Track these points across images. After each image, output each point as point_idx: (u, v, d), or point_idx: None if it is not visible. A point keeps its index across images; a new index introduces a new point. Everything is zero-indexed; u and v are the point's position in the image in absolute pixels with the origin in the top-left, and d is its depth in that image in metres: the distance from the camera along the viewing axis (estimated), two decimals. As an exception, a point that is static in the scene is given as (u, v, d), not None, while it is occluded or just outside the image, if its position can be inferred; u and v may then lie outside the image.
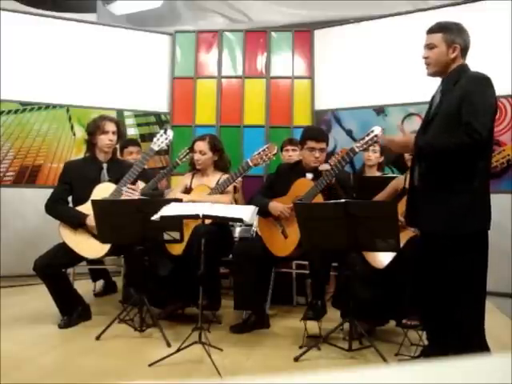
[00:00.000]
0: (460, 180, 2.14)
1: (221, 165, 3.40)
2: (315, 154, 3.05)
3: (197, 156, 3.33)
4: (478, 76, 2.21)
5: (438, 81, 2.38)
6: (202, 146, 3.33)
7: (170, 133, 3.32)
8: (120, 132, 3.29)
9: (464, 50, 2.29)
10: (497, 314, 3.38)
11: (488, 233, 2.22)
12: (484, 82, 2.17)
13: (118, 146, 3.61)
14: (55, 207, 3.15)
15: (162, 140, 3.29)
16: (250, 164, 3.16)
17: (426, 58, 2.32)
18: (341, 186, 2.98)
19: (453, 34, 2.26)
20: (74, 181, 3.18)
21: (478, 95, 2.11)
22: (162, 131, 3.34)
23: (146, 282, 2.90)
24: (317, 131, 3.29)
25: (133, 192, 3.08)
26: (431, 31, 2.31)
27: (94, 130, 3.20)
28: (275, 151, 3.18)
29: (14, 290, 4.02)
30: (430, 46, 2.30)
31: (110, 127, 3.19)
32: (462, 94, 2.15)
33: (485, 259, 2.20)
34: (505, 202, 3.97)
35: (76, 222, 3.07)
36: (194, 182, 3.40)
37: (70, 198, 3.25)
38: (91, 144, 3.25)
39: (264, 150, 3.17)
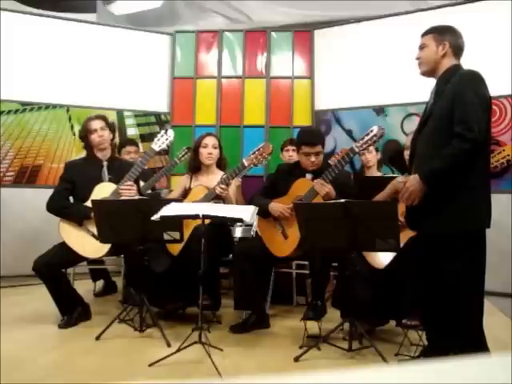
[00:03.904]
0: (458, 179, 2.14)
1: (222, 163, 3.43)
2: (311, 159, 3.04)
3: (209, 150, 3.35)
4: (467, 73, 2.22)
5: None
6: (214, 140, 3.38)
7: (171, 133, 3.32)
8: (110, 125, 3.27)
9: (456, 50, 2.31)
10: (497, 314, 3.38)
11: (485, 231, 2.22)
12: (473, 78, 2.18)
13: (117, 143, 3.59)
14: (57, 204, 3.13)
15: (162, 140, 3.29)
16: (246, 164, 3.15)
17: (418, 58, 2.40)
18: (341, 188, 2.97)
19: (442, 34, 2.32)
20: (77, 180, 3.17)
21: (468, 92, 2.12)
22: (162, 131, 3.34)
23: (145, 282, 2.90)
24: (311, 135, 3.14)
25: (130, 189, 3.06)
26: (423, 34, 2.39)
27: (84, 133, 3.23)
28: (270, 150, 3.16)
29: (13, 290, 4.02)
30: (421, 47, 2.38)
31: (95, 125, 3.19)
32: (453, 92, 2.16)
33: (483, 257, 2.20)
34: (505, 201, 3.97)
35: (81, 216, 3.04)
36: (192, 183, 3.40)
37: (70, 198, 3.23)
38: (88, 145, 3.26)
39: (259, 150, 3.15)
